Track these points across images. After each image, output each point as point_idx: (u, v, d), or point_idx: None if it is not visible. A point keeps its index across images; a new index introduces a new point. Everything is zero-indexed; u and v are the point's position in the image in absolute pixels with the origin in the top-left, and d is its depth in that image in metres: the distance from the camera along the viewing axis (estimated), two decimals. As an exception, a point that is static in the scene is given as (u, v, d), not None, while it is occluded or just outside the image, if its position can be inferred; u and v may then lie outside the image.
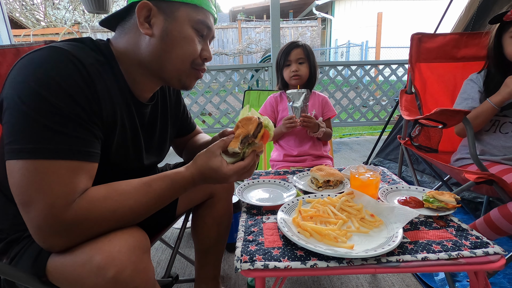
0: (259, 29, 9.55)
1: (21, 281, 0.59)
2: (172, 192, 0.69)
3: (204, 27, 0.72)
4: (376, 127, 4.44)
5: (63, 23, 9.30)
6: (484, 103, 1.20)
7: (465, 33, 1.65)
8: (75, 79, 0.58)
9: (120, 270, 0.56)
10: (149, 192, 0.65)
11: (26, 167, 0.54)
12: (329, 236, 0.70)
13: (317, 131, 1.40)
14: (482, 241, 0.70)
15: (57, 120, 0.55)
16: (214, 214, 1.03)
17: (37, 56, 0.57)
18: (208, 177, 0.70)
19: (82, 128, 0.58)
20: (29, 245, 0.66)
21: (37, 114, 0.54)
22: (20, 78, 0.56)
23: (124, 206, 0.61)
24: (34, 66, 0.56)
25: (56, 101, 0.55)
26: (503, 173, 1.11)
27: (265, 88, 3.52)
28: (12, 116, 0.55)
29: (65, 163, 0.56)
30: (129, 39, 0.70)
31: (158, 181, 0.67)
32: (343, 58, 10.54)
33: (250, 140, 0.70)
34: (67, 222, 0.56)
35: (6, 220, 0.71)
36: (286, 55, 1.39)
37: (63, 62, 0.58)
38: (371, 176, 0.90)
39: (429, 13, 9.26)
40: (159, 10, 0.67)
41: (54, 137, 0.55)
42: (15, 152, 0.54)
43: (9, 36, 2.15)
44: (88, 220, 0.58)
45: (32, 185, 0.54)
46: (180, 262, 1.47)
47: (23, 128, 0.54)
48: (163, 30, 0.67)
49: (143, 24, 0.67)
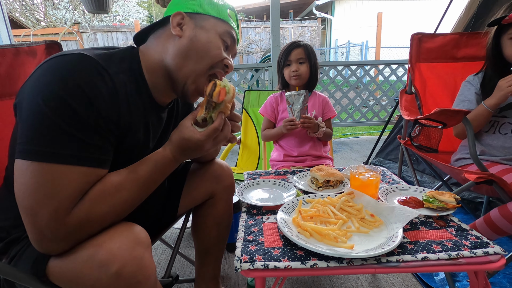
0: (259, 29, 9.55)
1: (20, 281, 0.59)
2: (158, 174, 0.70)
3: (229, 38, 0.77)
4: (376, 127, 4.44)
5: (63, 23, 9.30)
6: (479, 106, 1.20)
7: (465, 33, 1.65)
8: (99, 88, 0.59)
9: (122, 265, 0.56)
10: (137, 179, 0.66)
11: (38, 170, 0.54)
12: (329, 236, 0.70)
13: (317, 131, 1.40)
14: (482, 241, 0.70)
15: (77, 126, 0.56)
16: (215, 214, 1.03)
17: (64, 60, 0.58)
18: (186, 149, 0.71)
19: (99, 136, 0.60)
20: (29, 245, 0.66)
21: (57, 117, 0.54)
22: (44, 79, 0.56)
23: (120, 198, 0.62)
24: (61, 71, 0.57)
25: (78, 107, 0.56)
26: (503, 173, 1.11)
27: (265, 88, 3.52)
28: (31, 116, 0.55)
29: (78, 169, 0.57)
30: (159, 42, 0.75)
31: (142, 165, 0.68)
32: (343, 58, 10.55)
33: (213, 104, 0.71)
34: (69, 228, 0.57)
35: (9, 217, 0.71)
36: (287, 55, 1.39)
37: (90, 70, 0.59)
38: (371, 176, 0.90)
39: (429, 13, 9.26)
40: (190, 18, 0.74)
41: (71, 143, 0.56)
42: (29, 152, 0.54)
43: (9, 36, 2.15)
44: (89, 221, 0.58)
45: (41, 189, 0.54)
46: (180, 262, 1.47)
47: (41, 130, 0.54)
48: (192, 33, 0.73)
49: (175, 27, 0.72)
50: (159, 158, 0.70)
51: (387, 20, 8.86)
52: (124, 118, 0.66)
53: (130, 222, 0.65)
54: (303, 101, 1.33)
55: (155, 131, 0.81)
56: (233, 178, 1.08)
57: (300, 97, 1.32)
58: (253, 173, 1.26)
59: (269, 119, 1.52)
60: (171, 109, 0.88)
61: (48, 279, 0.62)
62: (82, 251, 0.58)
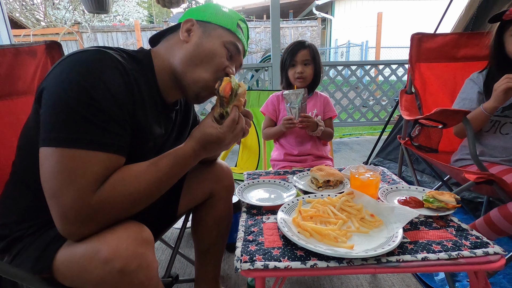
0: (259, 29, 9.54)
1: (21, 280, 0.59)
2: (178, 168, 0.72)
3: (233, 48, 0.80)
4: (376, 127, 4.44)
5: (63, 23, 9.30)
6: (477, 109, 1.19)
7: (465, 33, 1.65)
8: (118, 81, 0.63)
9: (126, 263, 0.58)
10: (158, 171, 0.67)
11: (62, 155, 0.57)
12: (329, 236, 0.70)
13: (316, 130, 1.40)
14: (482, 241, 0.70)
15: (98, 114, 0.59)
16: (214, 214, 1.04)
17: (84, 56, 0.62)
18: (207, 143, 0.73)
19: (117, 124, 0.63)
20: (32, 242, 0.66)
21: (79, 106, 0.58)
22: (65, 74, 0.60)
23: (138, 187, 0.64)
24: (82, 64, 0.60)
25: (99, 97, 0.59)
26: (503, 173, 1.11)
27: (265, 88, 3.52)
28: (54, 106, 0.58)
29: (99, 154, 0.59)
30: (169, 46, 0.80)
31: (163, 159, 0.70)
32: (343, 58, 10.55)
33: (224, 99, 0.75)
34: (92, 208, 0.58)
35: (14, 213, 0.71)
36: (292, 56, 1.39)
37: (109, 64, 0.63)
38: (371, 176, 0.90)
39: (429, 13, 9.25)
40: (199, 25, 0.78)
41: (92, 129, 0.59)
42: (53, 139, 0.57)
43: (9, 36, 2.15)
44: (110, 204, 0.60)
45: (65, 172, 0.57)
46: (180, 262, 1.47)
47: (63, 118, 0.58)
48: (198, 40, 0.77)
49: (183, 33, 0.77)
50: (180, 153, 0.72)
51: (387, 20, 8.85)
52: (139, 112, 0.69)
53: (134, 220, 0.66)
54: (301, 100, 1.33)
55: (166, 129, 0.84)
56: (233, 178, 1.08)
57: (298, 96, 1.32)
58: (253, 173, 1.26)
59: (271, 117, 1.52)
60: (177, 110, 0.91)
61: (51, 277, 0.63)
62: (87, 247, 0.59)
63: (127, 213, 0.64)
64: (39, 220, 0.70)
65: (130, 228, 0.62)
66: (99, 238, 0.59)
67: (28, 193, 0.71)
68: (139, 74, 0.71)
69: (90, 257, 0.58)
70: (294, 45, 1.41)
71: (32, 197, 0.71)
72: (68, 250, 0.62)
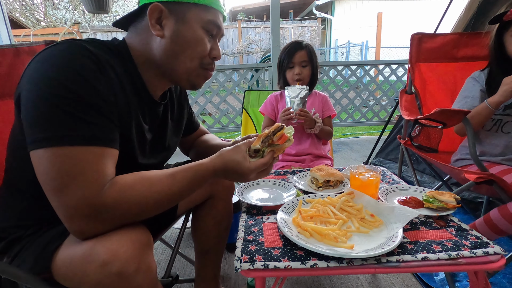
0: (259, 29, 9.55)
1: (21, 280, 0.59)
2: (194, 183, 0.70)
3: (214, 27, 0.74)
4: (376, 127, 4.43)
5: (63, 23, 9.30)
6: (481, 104, 1.18)
7: (465, 33, 1.65)
8: (95, 71, 0.60)
9: (124, 266, 0.57)
10: (174, 183, 0.66)
11: (55, 154, 0.55)
12: (329, 236, 0.70)
13: (313, 127, 1.40)
14: (482, 241, 0.70)
15: (80, 108, 0.57)
16: (214, 214, 1.03)
17: (53, 50, 0.59)
18: (230, 170, 0.72)
19: (102, 116, 0.60)
20: (32, 243, 0.66)
21: (60, 102, 0.55)
22: (38, 73, 0.57)
23: (149, 194, 0.62)
24: (53, 59, 0.58)
25: (78, 89, 0.57)
26: (503, 173, 1.11)
27: (265, 88, 3.52)
28: (34, 107, 0.56)
29: (91, 149, 0.58)
30: (142, 39, 0.73)
31: (182, 172, 0.68)
32: (343, 58, 10.54)
33: (270, 141, 0.77)
34: (98, 207, 0.57)
35: (11, 217, 0.71)
36: (290, 57, 1.39)
37: (81, 54, 0.60)
38: (371, 176, 0.90)
39: (429, 13, 9.25)
40: (170, 12, 0.69)
41: (78, 124, 0.57)
42: (41, 140, 0.55)
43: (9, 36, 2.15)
44: (117, 207, 0.59)
45: (63, 171, 0.55)
46: (180, 262, 1.47)
47: (47, 117, 0.55)
48: (174, 32, 0.70)
49: (154, 26, 0.69)
50: (201, 169, 0.70)
51: (387, 20, 8.85)
52: (121, 103, 0.66)
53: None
54: (303, 96, 1.34)
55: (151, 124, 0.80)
56: None
57: (300, 90, 1.34)
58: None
59: (269, 117, 1.52)
60: (166, 104, 0.87)
61: (51, 277, 0.63)
62: (85, 249, 0.58)
63: (135, 217, 0.63)
64: (37, 221, 0.70)
65: (129, 230, 0.61)
66: (97, 240, 0.58)
67: (23, 198, 0.71)
68: (118, 66, 0.68)
69: (88, 260, 0.57)
70: (291, 46, 1.41)
71: (27, 201, 0.70)
72: (67, 251, 0.61)
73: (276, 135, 0.77)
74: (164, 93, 0.86)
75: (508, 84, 1.10)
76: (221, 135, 4.20)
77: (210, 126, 3.80)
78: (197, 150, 1.07)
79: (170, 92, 0.92)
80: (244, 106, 2.06)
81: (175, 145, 0.96)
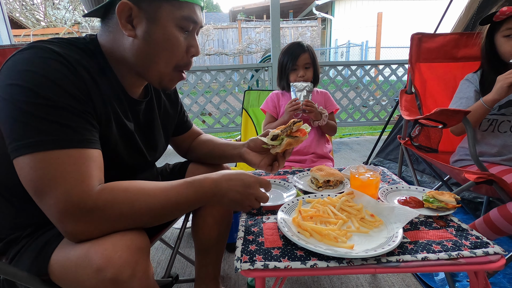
0: (259, 29, 9.55)
1: (21, 280, 0.59)
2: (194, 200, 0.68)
3: (189, 23, 0.69)
4: (376, 127, 4.44)
5: (63, 23, 9.30)
6: (477, 103, 1.18)
7: (465, 33, 1.65)
8: (63, 72, 0.59)
9: (118, 271, 0.56)
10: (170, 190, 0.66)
11: (34, 160, 0.55)
12: (329, 236, 0.70)
13: (320, 119, 1.41)
14: (482, 241, 0.70)
15: (53, 112, 0.56)
16: (215, 213, 1.03)
17: (21, 57, 0.58)
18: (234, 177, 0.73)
19: (77, 117, 0.59)
20: (30, 244, 0.66)
21: (33, 109, 0.55)
22: (9, 80, 0.57)
23: (142, 202, 0.62)
24: (20, 67, 0.57)
25: (49, 94, 0.56)
26: (503, 173, 1.11)
27: (265, 88, 3.51)
28: (9, 116, 0.56)
29: (69, 152, 0.57)
30: (113, 38, 0.69)
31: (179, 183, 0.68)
32: (343, 58, 10.54)
33: (289, 131, 0.82)
34: (87, 208, 0.56)
35: (6, 220, 0.71)
36: (294, 60, 1.40)
37: (49, 58, 0.58)
38: (371, 176, 0.90)
39: (429, 13, 9.26)
40: (140, 9, 0.64)
41: (52, 128, 0.56)
42: (20, 148, 0.55)
43: (9, 36, 2.15)
44: (108, 208, 0.58)
45: (44, 176, 0.55)
46: (180, 262, 1.47)
47: (22, 125, 0.55)
48: (145, 32, 0.66)
49: (125, 25, 0.65)
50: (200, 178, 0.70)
51: (387, 20, 8.85)
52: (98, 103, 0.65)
53: None
54: (308, 89, 1.36)
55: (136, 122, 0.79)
56: None
57: (306, 84, 1.37)
58: (253, 173, 1.26)
59: (271, 114, 1.52)
60: (149, 101, 0.86)
61: (49, 279, 0.62)
62: (80, 254, 0.58)
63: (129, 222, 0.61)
64: (32, 224, 0.69)
65: (125, 234, 0.60)
66: (91, 244, 0.57)
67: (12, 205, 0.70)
68: (90, 64, 0.65)
69: (83, 265, 0.56)
70: (294, 49, 1.41)
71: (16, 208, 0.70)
72: (62, 254, 0.60)
73: (296, 125, 0.81)
74: (146, 91, 0.85)
75: (502, 81, 1.09)
76: (221, 135, 4.20)
77: (210, 126, 3.80)
78: (200, 150, 1.06)
79: (156, 90, 0.91)
80: (244, 106, 2.06)
81: (164, 144, 0.95)
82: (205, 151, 1.05)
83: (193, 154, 1.08)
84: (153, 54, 0.69)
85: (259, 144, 0.91)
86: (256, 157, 0.93)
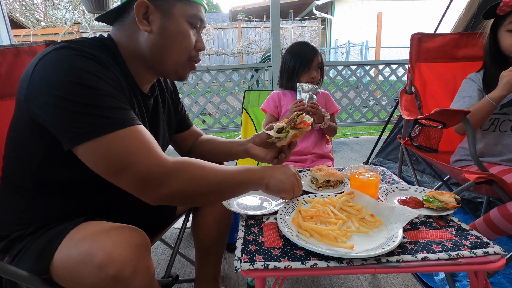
0: (259, 29, 9.54)
1: (21, 280, 0.59)
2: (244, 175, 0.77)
3: (197, 20, 0.78)
4: (376, 127, 4.44)
5: (63, 23, 9.29)
6: (483, 100, 1.17)
7: (465, 33, 1.65)
8: (96, 66, 0.64)
9: (120, 269, 0.56)
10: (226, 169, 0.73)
11: (102, 142, 0.60)
12: (329, 236, 0.70)
13: (322, 121, 1.42)
14: (482, 241, 0.70)
15: (99, 98, 0.61)
16: (215, 213, 1.03)
17: (55, 55, 0.61)
18: (277, 169, 0.82)
19: (121, 102, 0.65)
20: (32, 242, 0.66)
21: (78, 97, 0.59)
22: (51, 75, 0.60)
23: (208, 169, 0.71)
24: (58, 63, 0.60)
25: (91, 83, 0.61)
26: (503, 173, 1.11)
27: (265, 88, 3.51)
28: (60, 111, 0.59)
29: (131, 129, 0.63)
30: (129, 34, 0.75)
31: (235, 167, 0.76)
32: (343, 58, 10.54)
33: (293, 124, 0.85)
34: (168, 170, 0.64)
35: (12, 214, 0.71)
36: (308, 62, 1.41)
37: (80, 55, 0.63)
38: (371, 176, 0.90)
39: (429, 13, 9.26)
40: (155, 7, 0.72)
41: (109, 113, 0.61)
42: (84, 134, 0.59)
43: (9, 36, 2.15)
44: (182, 173, 0.66)
45: (118, 153, 0.61)
46: (180, 262, 1.47)
47: (79, 114, 0.59)
48: (161, 27, 0.73)
49: (141, 21, 0.71)
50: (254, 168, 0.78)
51: (387, 20, 8.85)
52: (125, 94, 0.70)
53: (129, 225, 0.65)
54: (313, 91, 1.38)
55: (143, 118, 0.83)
56: None
57: (311, 86, 1.39)
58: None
59: (272, 114, 1.52)
60: (156, 98, 0.90)
61: (50, 278, 0.63)
62: (82, 251, 0.58)
63: (194, 190, 0.68)
64: (38, 220, 0.70)
65: (126, 232, 0.61)
66: (94, 242, 0.58)
67: (23, 196, 0.71)
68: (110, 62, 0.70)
69: (84, 262, 0.57)
70: (307, 51, 1.41)
71: (27, 200, 0.71)
72: (64, 253, 0.61)
73: (299, 117, 0.85)
74: (152, 87, 0.89)
75: (508, 76, 1.08)
76: (221, 135, 4.18)
77: (210, 126, 3.80)
78: (205, 147, 1.07)
79: (161, 87, 0.94)
80: (244, 106, 2.06)
81: (167, 141, 0.98)
82: (209, 147, 1.06)
83: (196, 152, 1.08)
84: (168, 46, 0.75)
85: (265, 138, 0.93)
86: (262, 152, 0.95)
